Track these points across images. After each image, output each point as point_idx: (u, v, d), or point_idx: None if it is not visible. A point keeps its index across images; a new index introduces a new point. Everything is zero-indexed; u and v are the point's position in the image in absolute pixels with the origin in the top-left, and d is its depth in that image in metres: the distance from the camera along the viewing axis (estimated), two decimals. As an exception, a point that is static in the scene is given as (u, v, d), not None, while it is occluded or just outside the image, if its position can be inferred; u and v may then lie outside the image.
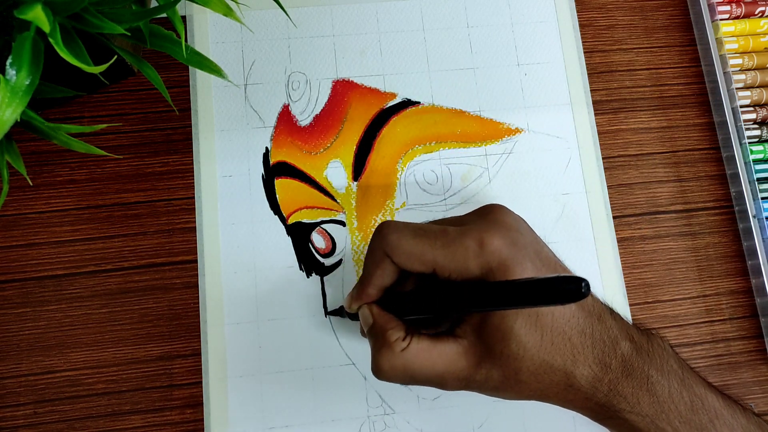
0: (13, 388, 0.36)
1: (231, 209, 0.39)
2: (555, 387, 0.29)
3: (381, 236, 0.30)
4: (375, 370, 0.29)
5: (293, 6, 0.42)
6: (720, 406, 0.30)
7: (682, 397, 0.30)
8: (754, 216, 0.40)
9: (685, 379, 0.30)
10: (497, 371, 0.29)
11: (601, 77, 0.43)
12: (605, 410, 0.30)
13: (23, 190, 0.38)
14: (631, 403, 0.29)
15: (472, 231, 0.29)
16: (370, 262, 0.31)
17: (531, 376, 0.29)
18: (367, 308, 0.31)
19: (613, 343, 0.29)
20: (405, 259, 0.29)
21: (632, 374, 0.29)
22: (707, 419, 0.30)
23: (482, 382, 0.29)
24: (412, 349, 0.29)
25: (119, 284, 0.37)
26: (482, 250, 0.28)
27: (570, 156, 0.41)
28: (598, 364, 0.29)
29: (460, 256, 0.28)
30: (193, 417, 0.36)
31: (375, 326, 0.31)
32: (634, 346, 0.30)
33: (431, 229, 0.30)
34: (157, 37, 0.30)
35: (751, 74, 0.42)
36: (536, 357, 0.28)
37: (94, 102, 0.40)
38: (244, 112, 0.40)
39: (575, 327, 0.29)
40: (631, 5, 0.44)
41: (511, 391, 0.30)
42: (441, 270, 0.29)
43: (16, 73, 0.24)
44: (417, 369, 0.29)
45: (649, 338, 0.31)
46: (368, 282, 0.31)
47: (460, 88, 0.42)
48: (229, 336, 0.37)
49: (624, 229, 0.40)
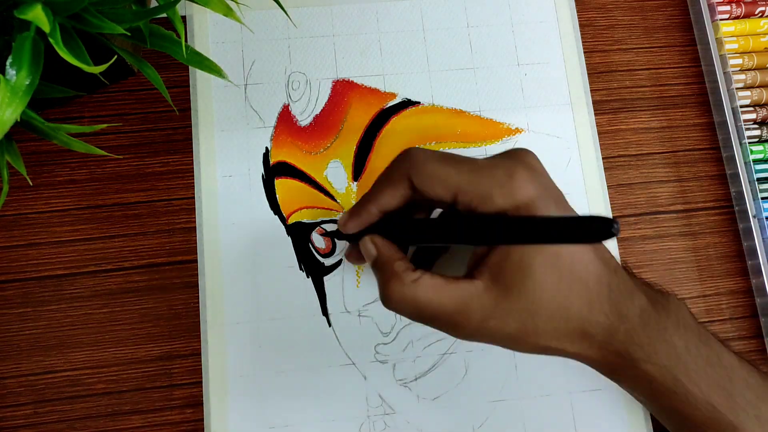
0: (13, 388, 0.36)
1: (231, 209, 0.39)
2: (570, 335, 0.28)
3: (407, 157, 0.29)
4: (384, 299, 0.28)
5: (293, 6, 0.42)
6: (737, 363, 0.30)
7: (700, 351, 0.29)
8: (754, 216, 0.40)
9: (701, 335, 0.30)
10: (513, 317, 0.28)
11: (601, 77, 0.43)
12: (621, 360, 0.29)
13: (23, 190, 0.38)
14: (647, 352, 0.28)
15: (503, 163, 0.29)
16: (384, 180, 0.30)
17: (547, 322, 0.28)
18: (369, 239, 0.30)
19: (630, 294, 0.29)
20: (427, 181, 0.28)
21: (649, 325, 0.29)
22: (724, 373, 0.29)
23: (496, 329, 0.28)
24: (424, 283, 0.28)
25: (119, 284, 0.37)
26: (510, 181, 0.28)
27: (570, 156, 0.41)
28: (615, 313, 0.28)
29: (486, 184, 0.28)
30: (193, 417, 0.36)
31: (380, 258, 0.29)
32: (650, 300, 0.29)
33: (458, 157, 0.29)
34: (157, 37, 0.30)
35: (751, 74, 0.42)
36: (553, 300, 0.27)
37: (94, 102, 0.40)
38: (244, 112, 0.40)
39: (593, 273, 0.28)
40: (631, 5, 0.44)
41: (527, 339, 0.28)
42: (463, 196, 0.28)
43: (16, 73, 0.24)
44: (427, 304, 0.27)
45: (665, 295, 0.30)
46: (372, 199, 0.30)
47: (460, 88, 0.42)
48: (229, 336, 0.37)
49: (624, 229, 0.40)
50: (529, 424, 0.37)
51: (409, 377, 0.37)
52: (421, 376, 0.37)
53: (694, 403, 0.29)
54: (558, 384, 0.37)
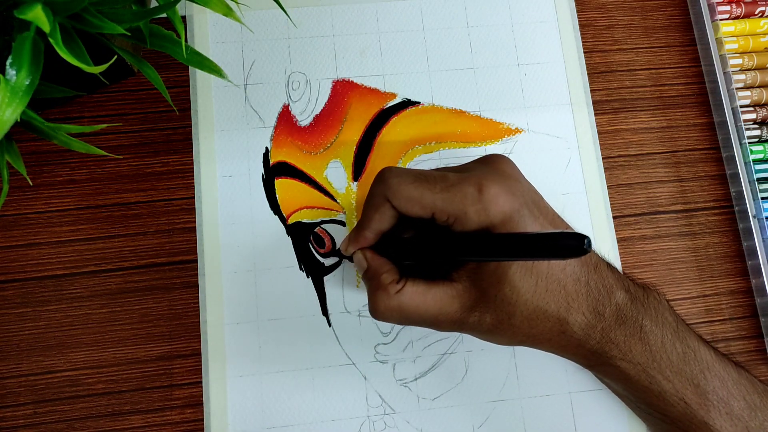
0: (13, 388, 0.36)
1: (231, 209, 0.39)
2: (548, 333, 0.30)
3: (382, 180, 0.31)
4: (371, 311, 0.30)
5: (293, 6, 0.42)
6: (712, 359, 0.31)
7: (675, 348, 0.30)
8: (754, 216, 0.40)
9: (679, 332, 0.31)
10: (490, 315, 0.29)
11: (601, 77, 0.43)
12: (597, 357, 0.30)
13: (23, 190, 0.38)
14: (623, 351, 0.30)
15: (472, 177, 0.29)
16: (370, 206, 0.31)
17: (524, 321, 0.29)
18: (361, 253, 0.32)
19: (608, 292, 0.30)
20: (404, 203, 0.30)
21: (625, 323, 0.30)
22: (698, 370, 0.30)
23: (475, 325, 0.30)
24: (407, 291, 0.29)
25: (119, 284, 0.37)
26: (481, 196, 0.28)
27: (570, 156, 0.41)
28: (592, 312, 0.29)
29: (458, 201, 0.29)
30: (193, 417, 0.36)
31: (370, 270, 0.31)
32: (629, 296, 0.30)
33: (432, 175, 0.30)
34: (157, 37, 0.30)
35: (751, 74, 0.42)
36: (530, 302, 0.29)
37: (94, 102, 0.40)
38: (244, 112, 0.40)
39: (570, 275, 0.29)
40: (631, 5, 0.44)
41: (504, 335, 0.30)
42: (439, 214, 0.29)
43: (16, 73, 0.24)
44: (411, 310, 0.29)
45: (646, 291, 0.31)
46: (366, 225, 0.31)
47: (460, 88, 0.42)
48: (229, 336, 0.37)
49: (624, 229, 0.40)
50: (529, 424, 0.37)
51: (409, 377, 0.37)
52: (421, 376, 0.37)
53: (668, 399, 0.30)
54: (558, 384, 0.37)
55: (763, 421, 0.30)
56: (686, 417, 0.30)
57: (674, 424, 0.31)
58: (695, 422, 0.30)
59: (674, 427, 0.31)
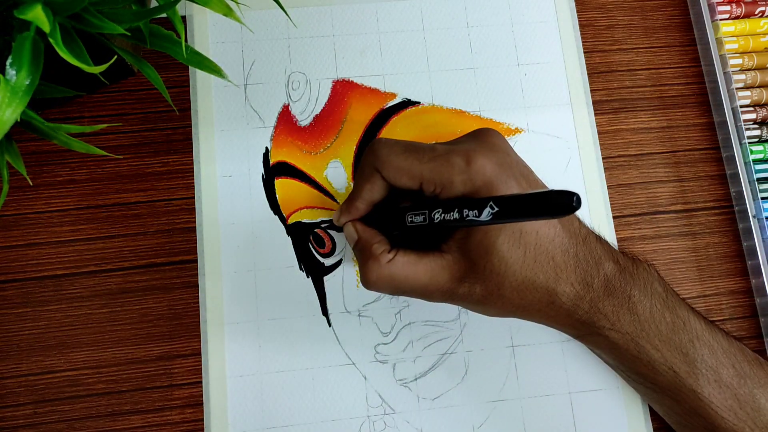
0: (13, 388, 0.36)
1: (231, 209, 0.39)
2: (537, 304, 0.30)
3: (372, 151, 0.31)
4: (363, 281, 0.31)
5: (293, 6, 0.42)
6: (701, 328, 0.31)
7: (664, 318, 0.30)
8: (754, 216, 0.40)
9: (668, 301, 0.31)
10: (480, 286, 0.29)
11: (601, 77, 0.43)
12: (586, 327, 0.30)
13: (23, 190, 0.38)
14: (611, 320, 0.30)
15: (460, 149, 0.30)
16: (360, 177, 0.32)
17: (513, 292, 0.29)
18: (351, 225, 0.32)
19: (596, 263, 0.30)
20: (394, 174, 0.30)
21: (614, 293, 0.30)
22: (687, 339, 0.30)
23: (465, 296, 0.30)
24: (398, 262, 0.30)
25: (119, 284, 0.37)
26: (468, 167, 0.29)
27: (570, 156, 0.41)
28: (581, 282, 0.29)
29: (445, 171, 0.29)
30: (193, 417, 0.36)
31: (360, 241, 0.32)
32: (617, 267, 0.30)
33: (421, 146, 0.30)
34: (157, 37, 0.30)
35: (751, 74, 0.42)
36: (518, 273, 0.29)
37: (94, 102, 0.40)
38: (244, 112, 0.40)
39: (559, 246, 0.29)
40: (631, 5, 0.44)
41: (494, 306, 0.30)
42: (427, 184, 0.29)
43: (16, 73, 0.24)
44: (402, 280, 0.30)
45: (635, 262, 0.31)
46: (357, 196, 0.32)
47: (460, 88, 0.42)
48: (229, 336, 0.37)
49: (624, 229, 0.40)
50: (529, 424, 0.37)
51: (409, 377, 0.37)
52: (421, 376, 0.37)
53: (657, 368, 0.30)
54: (558, 384, 0.37)
55: (752, 389, 0.30)
56: (675, 385, 0.30)
57: (664, 393, 0.31)
58: (684, 390, 0.30)
59: (664, 395, 0.31)
